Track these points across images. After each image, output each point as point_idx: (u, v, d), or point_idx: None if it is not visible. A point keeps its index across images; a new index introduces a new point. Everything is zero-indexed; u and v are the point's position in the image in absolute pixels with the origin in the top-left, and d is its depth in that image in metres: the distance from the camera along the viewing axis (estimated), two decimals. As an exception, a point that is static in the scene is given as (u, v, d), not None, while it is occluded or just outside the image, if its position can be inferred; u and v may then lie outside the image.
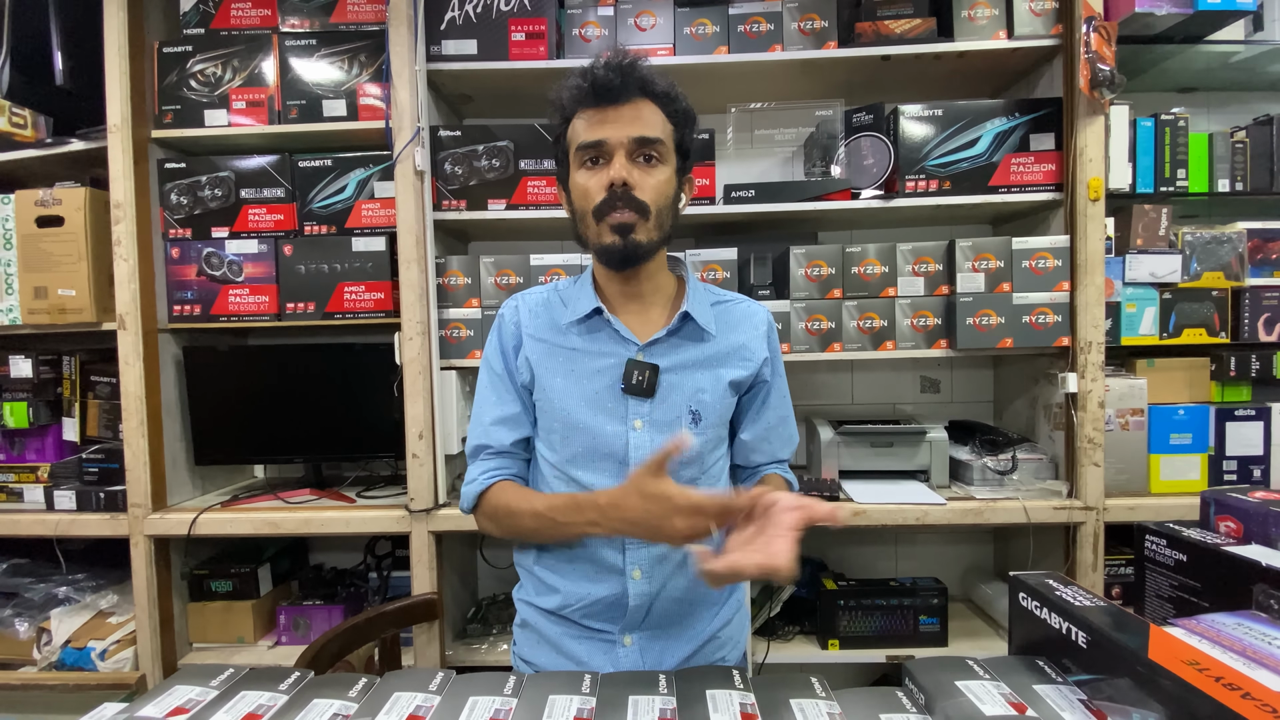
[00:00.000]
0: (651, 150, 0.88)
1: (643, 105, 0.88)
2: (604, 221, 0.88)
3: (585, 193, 0.89)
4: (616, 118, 0.87)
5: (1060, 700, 0.55)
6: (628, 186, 0.86)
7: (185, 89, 1.62)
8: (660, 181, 0.89)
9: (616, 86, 0.85)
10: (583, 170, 0.89)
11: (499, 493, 0.94)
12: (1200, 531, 0.77)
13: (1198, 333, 1.58)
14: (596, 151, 0.87)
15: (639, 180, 0.87)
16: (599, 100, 0.86)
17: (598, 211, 0.88)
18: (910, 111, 1.56)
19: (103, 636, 1.63)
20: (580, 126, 0.89)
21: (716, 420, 0.94)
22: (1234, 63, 1.65)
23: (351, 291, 1.64)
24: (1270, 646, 0.59)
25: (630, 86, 0.86)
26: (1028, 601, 0.65)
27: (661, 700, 0.57)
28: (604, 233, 0.88)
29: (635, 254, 0.89)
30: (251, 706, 0.58)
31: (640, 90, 0.87)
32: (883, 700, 0.57)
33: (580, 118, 0.89)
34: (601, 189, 0.87)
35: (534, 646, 0.97)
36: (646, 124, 0.88)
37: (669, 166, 0.91)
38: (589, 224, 0.90)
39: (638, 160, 0.88)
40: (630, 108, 0.87)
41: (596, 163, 0.88)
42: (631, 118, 0.87)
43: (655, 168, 0.89)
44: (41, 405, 1.77)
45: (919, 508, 1.50)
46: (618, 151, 0.87)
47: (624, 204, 0.86)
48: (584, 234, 0.92)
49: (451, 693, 0.59)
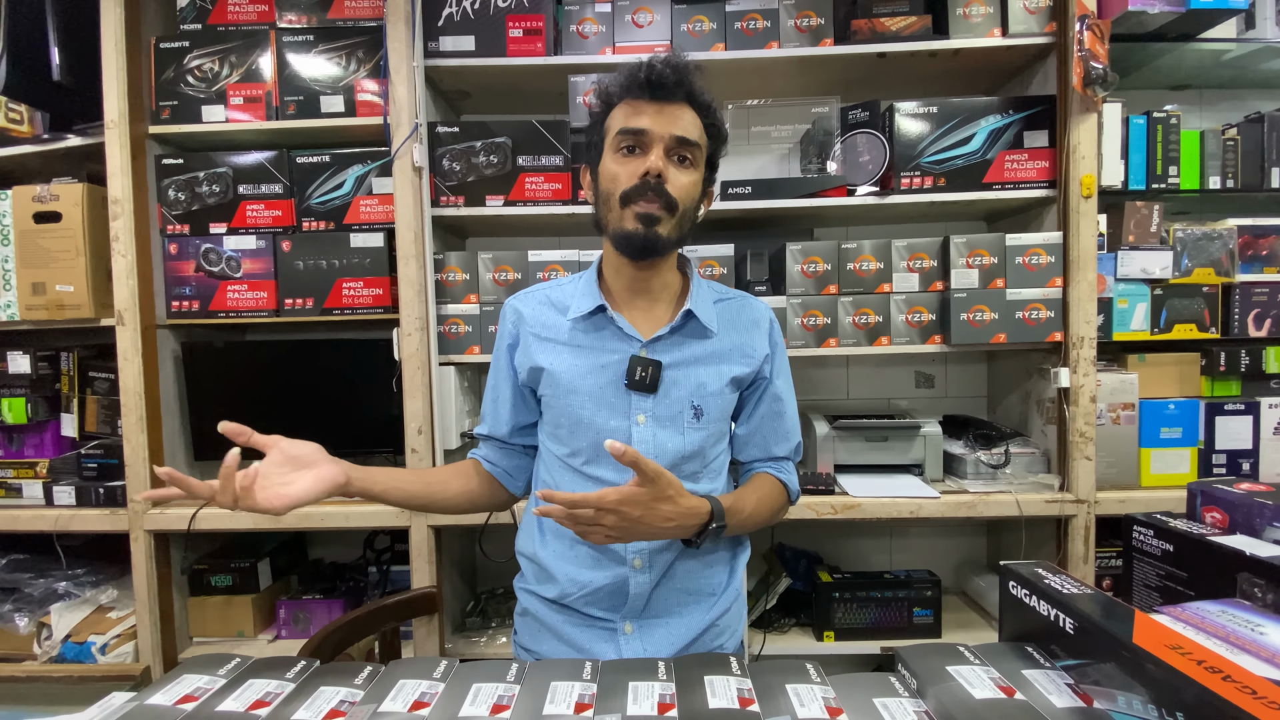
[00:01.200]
0: (687, 152, 0.90)
1: (686, 110, 0.90)
2: (629, 207, 0.89)
3: (615, 177, 0.90)
4: (662, 113, 0.89)
5: (1048, 684, 0.56)
6: (661, 178, 0.88)
7: (182, 85, 1.63)
8: (690, 183, 0.91)
9: (670, 84, 0.88)
10: (618, 155, 0.91)
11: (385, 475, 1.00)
12: (1187, 522, 0.79)
13: (1188, 328, 1.60)
14: (635, 140, 0.89)
15: (672, 176, 0.89)
16: (649, 93, 0.89)
17: (625, 196, 0.89)
18: (905, 109, 1.58)
19: (103, 631, 1.64)
20: (623, 114, 0.90)
21: (718, 416, 0.96)
22: (1226, 61, 1.67)
23: (350, 287, 1.64)
24: (1253, 633, 0.60)
25: (680, 88, 0.89)
26: (1017, 590, 0.66)
27: (661, 686, 0.59)
28: (627, 218, 0.89)
29: (654, 245, 0.90)
30: (259, 694, 0.59)
31: (687, 96, 0.90)
32: (876, 685, 0.59)
33: (625, 105, 0.91)
34: (633, 176, 0.88)
35: (535, 635, 0.98)
36: (688, 126, 0.90)
37: (699, 172, 0.93)
38: (613, 207, 0.91)
39: (673, 159, 0.90)
40: (676, 108, 0.89)
41: (632, 151, 0.90)
42: (675, 116, 0.89)
43: (688, 169, 0.91)
44: (40, 401, 1.77)
45: (913, 501, 1.52)
46: (657, 144, 0.88)
47: (654, 194, 0.88)
48: (605, 218, 0.93)
49: (455, 680, 0.61)
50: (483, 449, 1.07)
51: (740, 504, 0.92)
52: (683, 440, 0.93)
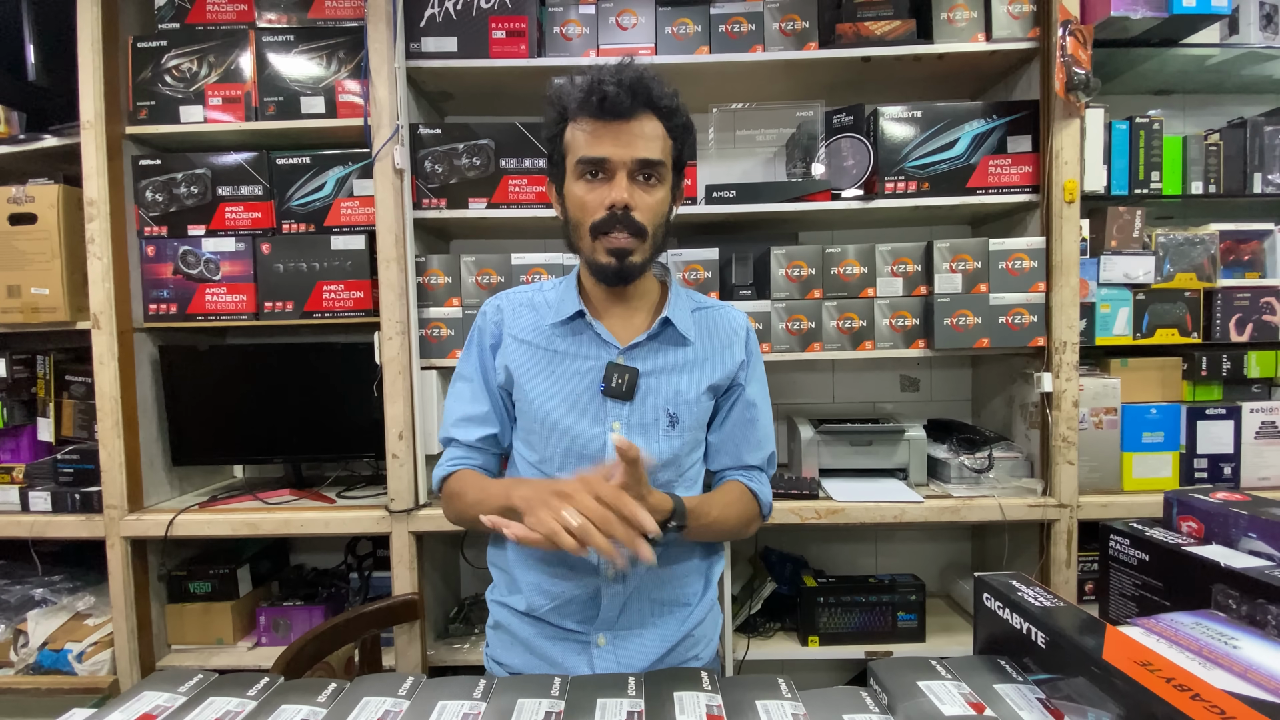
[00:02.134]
0: (652, 171, 0.88)
1: (646, 121, 0.87)
2: (599, 240, 0.88)
3: (583, 206, 0.88)
4: (620, 133, 0.86)
5: (1019, 700, 0.56)
6: (628, 209, 0.86)
7: (160, 85, 1.60)
8: (658, 201, 0.90)
9: (625, 105, 0.84)
10: (581, 182, 0.89)
11: (459, 479, 0.96)
12: (1162, 531, 0.79)
13: (1170, 333, 1.61)
14: (598, 167, 0.87)
15: (639, 201, 0.87)
16: (604, 114, 0.85)
17: (595, 229, 0.88)
18: (890, 113, 1.57)
19: (80, 638, 1.61)
20: (582, 138, 0.87)
21: (694, 424, 0.95)
22: (1209, 66, 1.67)
23: (330, 290, 1.63)
24: (1226, 646, 0.60)
25: (638, 103, 0.85)
26: (991, 602, 0.66)
27: (629, 703, 0.58)
28: (598, 251, 0.88)
29: (627, 274, 0.90)
30: (219, 713, 0.58)
31: (646, 105, 0.86)
32: (847, 700, 0.58)
33: (582, 126, 0.87)
34: (601, 207, 0.87)
35: (507, 648, 0.97)
36: (649, 144, 0.87)
37: (666, 185, 0.91)
38: (583, 236, 0.90)
39: (638, 180, 0.88)
40: (635, 124, 0.86)
41: (596, 175, 0.88)
42: (635, 134, 0.86)
43: (654, 188, 0.89)
44: (16, 405, 1.75)
45: (897, 506, 1.52)
46: (619, 171, 0.86)
47: (623, 226, 0.86)
48: (578, 244, 0.92)
49: (420, 697, 0.59)
50: (469, 457, 1.01)
51: (705, 507, 0.90)
52: (658, 448, 0.92)
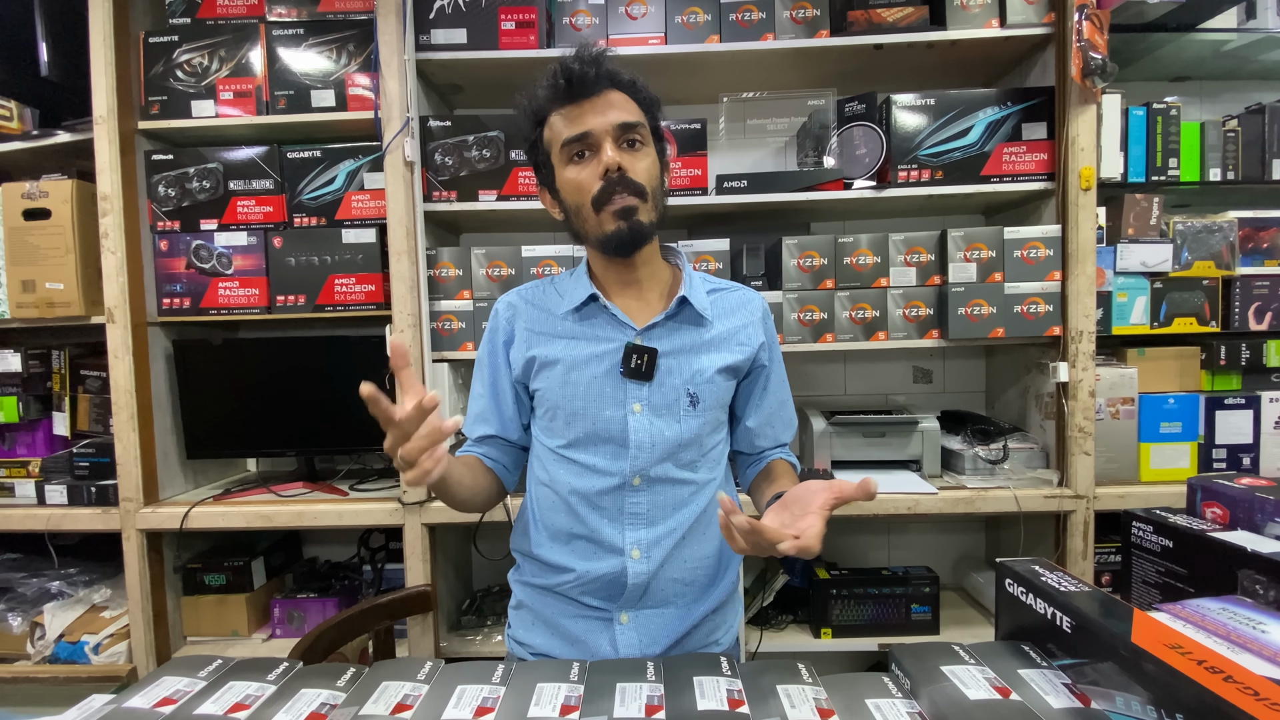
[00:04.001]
0: (635, 135, 0.89)
1: (614, 95, 0.89)
2: (605, 209, 0.88)
3: (579, 186, 0.89)
4: (594, 108, 0.88)
5: (1045, 684, 0.55)
6: (623, 170, 0.87)
7: (172, 79, 1.61)
8: (649, 164, 0.90)
9: (591, 78, 0.87)
10: (571, 166, 0.90)
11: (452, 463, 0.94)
12: (1186, 518, 0.78)
13: (1188, 322, 1.59)
14: (583, 145, 0.88)
15: (630, 163, 0.88)
16: (574, 95, 0.88)
17: (597, 200, 0.88)
18: (903, 101, 1.56)
19: (96, 631, 1.63)
20: (560, 124, 0.89)
21: (714, 404, 0.95)
22: (1226, 51, 1.65)
23: (342, 284, 1.63)
24: (1254, 631, 0.59)
25: (602, 78, 0.88)
26: (1014, 588, 0.65)
27: (649, 687, 0.58)
28: (606, 221, 0.88)
29: (640, 236, 0.90)
30: (239, 696, 0.58)
31: (610, 82, 0.89)
32: (869, 685, 0.57)
33: (557, 116, 0.89)
34: (596, 179, 0.87)
35: (529, 628, 0.97)
36: (625, 110, 0.89)
37: (651, 149, 0.92)
38: (587, 216, 0.90)
39: (623, 146, 0.89)
40: (603, 99, 0.88)
41: (583, 156, 0.89)
42: (609, 105, 0.88)
43: (640, 151, 0.90)
44: (31, 400, 1.76)
45: (911, 497, 1.51)
46: (605, 139, 0.87)
47: (623, 188, 0.87)
48: (581, 228, 0.92)
49: (439, 682, 0.59)
50: (480, 446, 1.03)
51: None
52: (679, 428, 0.92)
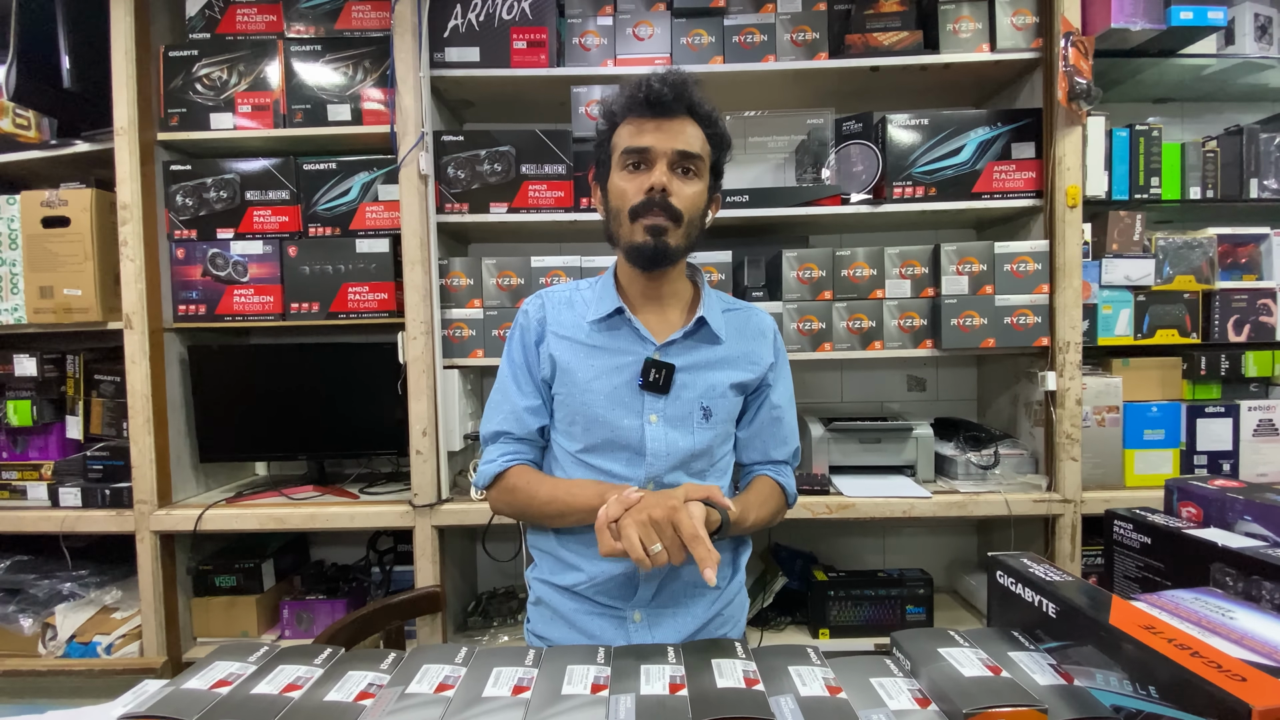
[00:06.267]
0: (691, 164, 0.94)
1: (688, 123, 0.94)
2: (638, 221, 0.94)
3: (623, 194, 0.95)
4: (662, 129, 0.93)
5: (1032, 664, 0.60)
6: (665, 193, 0.92)
7: (191, 92, 1.65)
8: (695, 193, 0.95)
9: (668, 101, 0.92)
10: (624, 173, 0.95)
11: (519, 474, 1.01)
12: (1164, 517, 0.84)
13: (1170, 333, 1.66)
14: (640, 157, 0.94)
15: (677, 189, 0.93)
16: (649, 111, 0.93)
17: (634, 212, 0.94)
18: (898, 120, 1.63)
19: (108, 631, 1.65)
20: (627, 132, 0.95)
21: (725, 417, 1.01)
22: (1206, 75, 1.73)
23: (355, 292, 1.67)
24: (1224, 618, 0.65)
25: (680, 103, 0.93)
26: (1004, 579, 0.70)
27: (671, 669, 0.62)
28: (636, 232, 0.94)
29: (664, 256, 0.95)
30: (291, 678, 0.62)
31: (688, 109, 0.94)
32: (873, 666, 0.63)
33: (628, 124, 0.95)
34: (640, 192, 0.93)
35: (547, 623, 1.02)
36: (690, 140, 0.94)
37: (703, 182, 0.97)
38: (623, 222, 0.96)
39: (677, 171, 0.94)
40: (677, 123, 0.93)
41: (638, 168, 0.94)
42: (677, 131, 0.93)
43: (692, 180, 0.95)
44: (45, 403, 1.79)
45: (905, 501, 1.56)
46: (660, 160, 0.93)
47: (660, 209, 0.92)
48: (616, 231, 0.98)
49: (476, 664, 0.64)
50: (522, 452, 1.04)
51: (744, 513, 0.96)
52: (692, 439, 0.98)
